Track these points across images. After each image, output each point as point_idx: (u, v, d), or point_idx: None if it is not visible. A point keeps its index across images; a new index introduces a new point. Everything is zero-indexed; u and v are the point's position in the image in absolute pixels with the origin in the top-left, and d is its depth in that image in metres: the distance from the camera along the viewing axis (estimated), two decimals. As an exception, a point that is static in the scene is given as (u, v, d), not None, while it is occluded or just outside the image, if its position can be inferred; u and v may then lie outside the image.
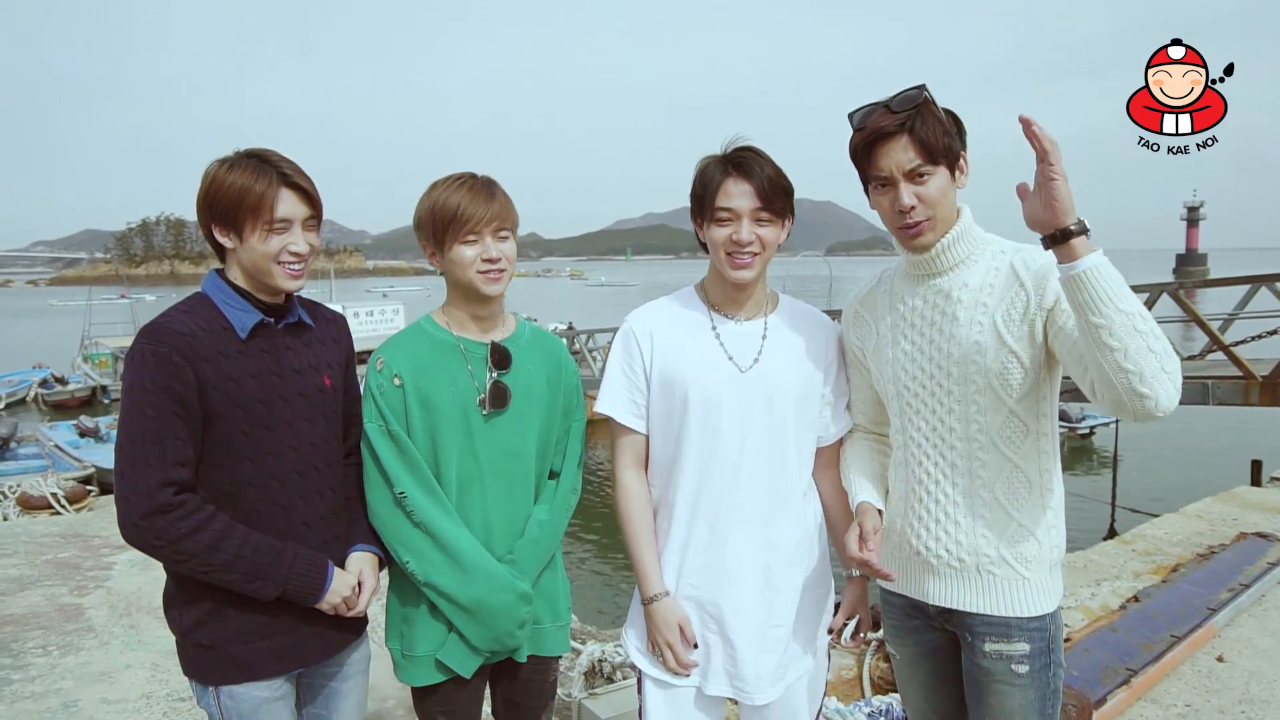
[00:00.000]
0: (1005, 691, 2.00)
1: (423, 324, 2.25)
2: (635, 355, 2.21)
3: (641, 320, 2.25)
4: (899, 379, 2.08)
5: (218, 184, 1.96)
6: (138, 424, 1.87)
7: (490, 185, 2.16)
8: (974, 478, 2.00)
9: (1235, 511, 6.97)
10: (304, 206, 2.02)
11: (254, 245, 1.97)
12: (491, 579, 2.12)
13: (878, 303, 2.17)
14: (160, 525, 1.86)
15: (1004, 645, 1.99)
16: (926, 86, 1.91)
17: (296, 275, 2.04)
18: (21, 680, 4.56)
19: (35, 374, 29.12)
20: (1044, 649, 2.00)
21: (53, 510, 10.67)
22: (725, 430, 2.14)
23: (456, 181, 2.14)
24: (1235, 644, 4.56)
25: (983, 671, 2.03)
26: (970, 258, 1.99)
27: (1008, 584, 1.99)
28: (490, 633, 2.15)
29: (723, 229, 2.09)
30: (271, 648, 2.03)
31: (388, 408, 2.13)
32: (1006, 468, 1.98)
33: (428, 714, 2.27)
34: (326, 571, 2.04)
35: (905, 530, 2.11)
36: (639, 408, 2.23)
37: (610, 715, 4.09)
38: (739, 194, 2.07)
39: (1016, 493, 1.99)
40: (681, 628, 2.16)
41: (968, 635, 2.05)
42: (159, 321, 1.96)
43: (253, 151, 2.01)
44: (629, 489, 2.24)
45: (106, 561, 6.85)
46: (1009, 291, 1.93)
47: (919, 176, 1.91)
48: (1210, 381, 10.50)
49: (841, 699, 3.65)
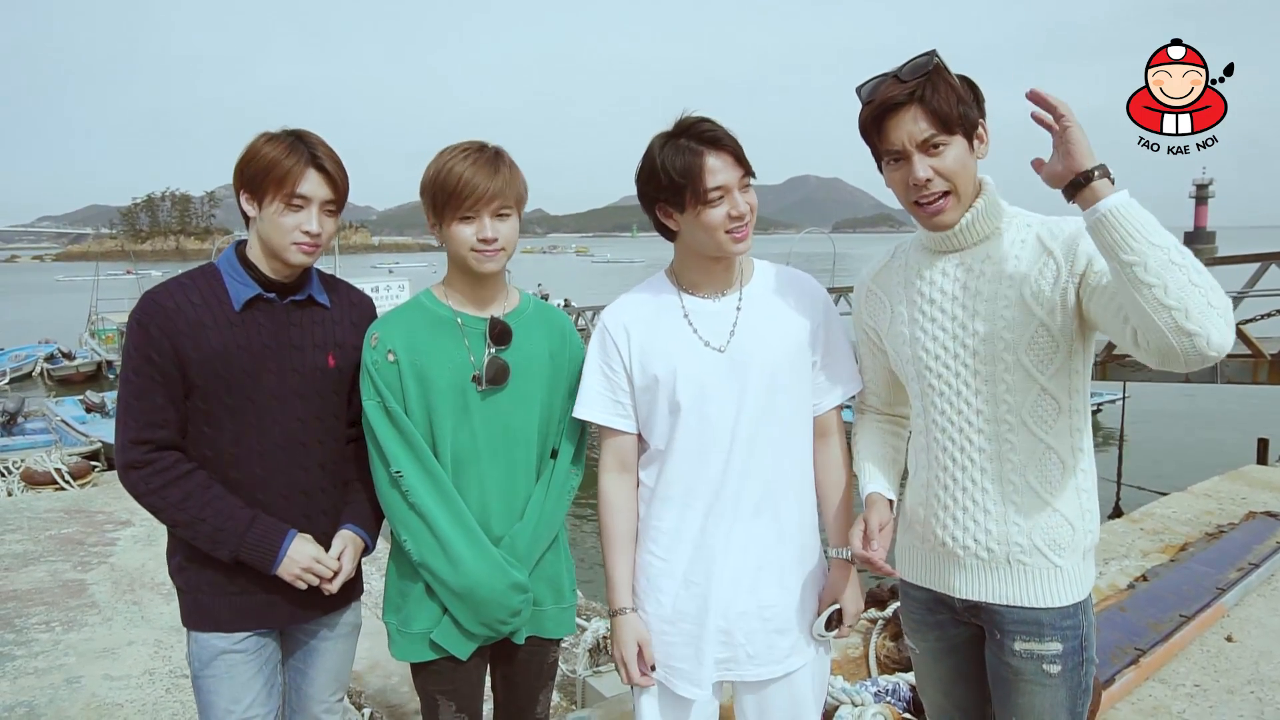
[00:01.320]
0: (1035, 691, 1.91)
1: (421, 299, 2.20)
2: (613, 354, 2.14)
3: (615, 317, 2.17)
4: (920, 359, 1.97)
5: (253, 152, 2.04)
6: (123, 387, 2.05)
7: (497, 159, 2.08)
8: (1004, 461, 1.89)
9: (1244, 490, 6.93)
10: (326, 189, 2.07)
11: (270, 216, 2.05)
12: (482, 568, 2.09)
13: (893, 279, 2.06)
14: (132, 479, 2.03)
15: (1035, 644, 1.90)
16: (937, 52, 1.79)
17: (307, 252, 2.09)
18: (25, 656, 4.57)
19: (41, 349, 29.18)
20: (1077, 647, 1.91)
21: (57, 486, 10.69)
22: (712, 415, 2.06)
23: (463, 151, 2.07)
24: (1244, 624, 4.53)
25: (1011, 670, 1.93)
26: (995, 232, 1.89)
27: (1040, 573, 1.89)
28: (482, 619, 2.12)
29: (718, 209, 1.98)
30: (241, 604, 2.12)
31: (384, 384, 2.09)
32: (1039, 449, 1.88)
33: (425, 691, 2.25)
34: (282, 542, 2.07)
35: (929, 520, 2.01)
36: (623, 406, 2.15)
37: (614, 693, 4.09)
38: (723, 168, 1.96)
39: (1049, 476, 1.89)
40: (640, 647, 2.12)
41: (997, 632, 1.95)
42: (149, 293, 2.08)
43: (295, 131, 2.09)
44: (607, 497, 2.18)
45: (110, 537, 6.86)
46: (1037, 262, 1.83)
47: (933, 148, 1.79)
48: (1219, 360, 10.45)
49: (847, 678, 3.62)
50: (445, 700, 2.21)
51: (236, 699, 2.13)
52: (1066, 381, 1.87)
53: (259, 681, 2.16)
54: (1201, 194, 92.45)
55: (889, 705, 3.41)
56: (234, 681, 2.12)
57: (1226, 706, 3.74)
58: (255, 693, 2.15)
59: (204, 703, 2.15)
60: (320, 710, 2.34)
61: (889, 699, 3.45)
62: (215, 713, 2.13)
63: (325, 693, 2.33)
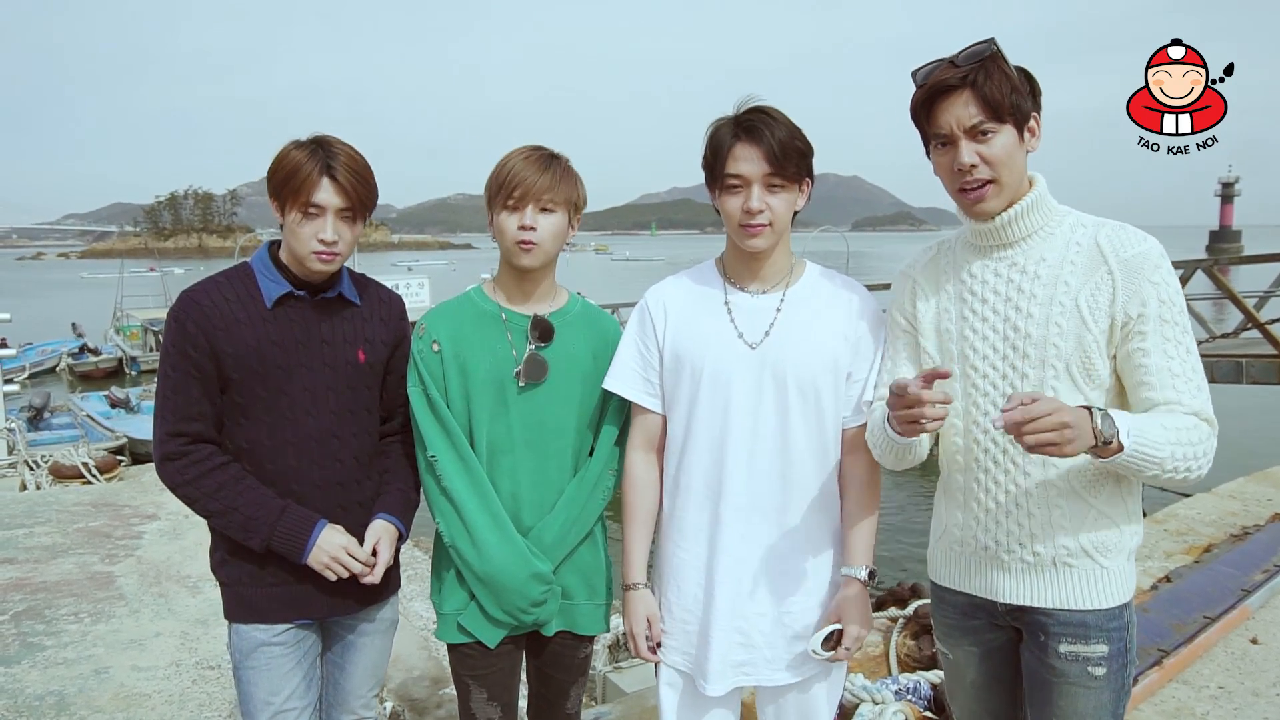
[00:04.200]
0: (1078, 694, 1.88)
1: (471, 294, 2.28)
2: (649, 331, 2.16)
3: (657, 295, 2.20)
4: (966, 356, 1.93)
5: (280, 160, 2.08)
6: (161, 382, 2.11)
7: (551, 160, 2.15)
8: (1048, 465, 1.85)
9: (1270, 492, 6.85)
10: (339, 198, 2.08)
11: (291, 225, 2.10)
12: (505, 555, 2.14)
13: (938, 274, 2.02)
14: (168, 470, 2.09)
15: (1081, 647, 1.87)
16: (995, 41, 1.78)
17: (326, 260, 2.11)
18: (54, 646, 4.64)
19: (70, 344, 29.43)
20: (1122, 649, 1.89)
21: (84, 480, 10.81)
22: (734, 410, 2.06)
23: (524, 151, 2.16)
24: (1270, 626, 4.49)
25: (1054, 672, 1.90)
26: (1044, 229, 1.86)
27: (1086, 575, 1.87)
28: (504, 605, 2.16)
29: (734, 197, 2.00)
30: (281, 594, 2.16)
31: (427, 372, 2.19)
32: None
33: (457, 674, 2.31)
34: (312, 532, 2.10)
35: (970, 524, 1.97)
36: (652, 385, 2.17)
37: (634, 689, 4.10)
38: (748, 159, 1.96)
39: (1095, 479, 1.86)
40: (650, 622, 2.17)
41: (1040, 635, 1.92)
42: (187, 291, 2.14)
43: (320, 138, 2.12)
44: (631, 473, 2.22)
45: (136, 531, 6.94)
46: (1094, 273, 1.80)
47: (982, 134, 1.78)
48: (1244, 360, 10.35)
49: (868, 675, 3.63)
50: (476, 686, 2.26)
51: (275, 690, 2.17)
52: (1108, 388, 1.85)
53: (298, 674, 2.20)
54: (1228, 193, 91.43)
55: (909, 703, 3.41)
56: (273, 673, 2.16)
57: (1251, 709, 3.72)
58: (294, 685, 2.19)
59: (244, 693, 2.19)
60: (358, 705, 2.37)
61: (910, 697, 3.45)
62: (254, 704, 2.17)
63: (363, 688, 2.37)
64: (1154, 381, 1.77)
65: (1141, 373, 1.79)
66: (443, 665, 4.28)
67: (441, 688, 4.18)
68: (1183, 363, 1.77)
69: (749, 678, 2.13)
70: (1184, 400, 1.75)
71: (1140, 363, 1.78)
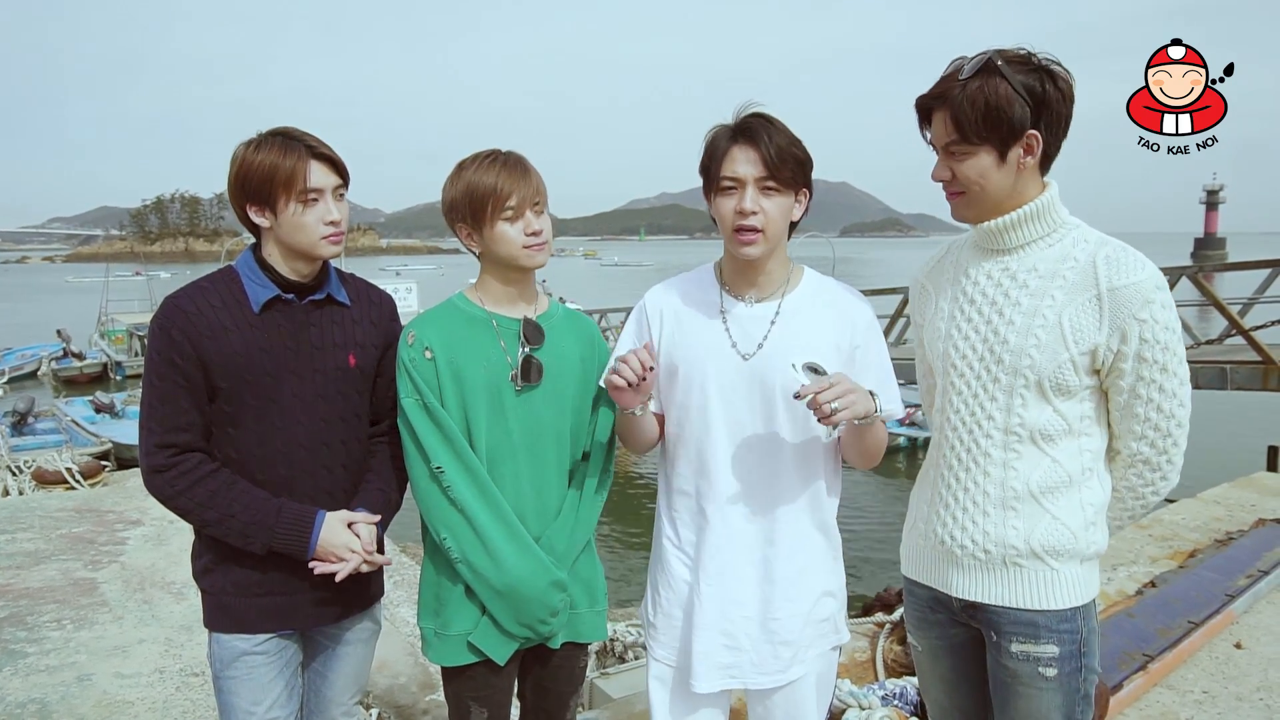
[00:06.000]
0: (1031, 695, 1.91)
1: (455, 300, 2.22)
2: (646, 334, 2.16)
3: (656, 298, 2.20)
4: (948, 356, 1.96)
5: (247, 165, 2.02)
6: (147, 391, 2.04)
7: (522, 161, 2.12)
8: (1009, 469, 1.89)
9: (1253, 497, 6.90)
10: (333, 176, 2.08)
11: (290, 218, 2.04)
12: (525, 565, 2.09)
13: (943, 275, 2.06)
14: (158, 483, 2.03)
15: (1031, 646, 1.90)
16: (994, 57, 1.75)
17: (336, 241, 2.10)
18: (36, 654, 4.60)
19: (51, 348, 29.17)
20: (1074, 652, 1.90)
21: (68, 485, 10.73)
22: (724, 420, 2.06)
23: (487, 159, 2.10)
24: (1254, 631, 4.52)
25: (1009, 673, 1.94)
26: (1045, 239, 1.87)
27: (1035, 576, 1.89)
28: (522, 618, 2.11)
29: (728, 200, 1.98)
30: (265, 605, 2.12)
31: (421, 380, 2.11)
32: (1044, 462, 1.88)
33: (457, 697, 2.23)
34: (314, 523, 2.06)
35: (931, 519, 2.03)
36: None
37: (621, 695, 4.08)
38: (744, 161, 1.95)
39: (1054, 488, 1.88)
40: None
41: (994, 634, 1.96)
42: (171, 297, 2.07)
43: (276, 130, 2.06)
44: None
45: (120, 536, 6.89)
46: (1082, 294, 1.81)
47: (953, 153, 1.82)
48: (1228, 366, 10.40)
49: (855, 681, 3.63)
50: (478, 707, 2.21)
51: (256, 700, 2.14)
52: (1079, 409, 1.88)
53: (279, 684, 2.17)
54: (1212, 200, 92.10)
55: (896, 709, 3.41)
56: (254, 683, 2.13)
57: (1235, 714, 3.74)
58: (275, 695, 2.16)
59: (224, 704, 2.16)
60: (338, 713, 2.34)
61: (896, 702, 3.45)
62: (235, 714, 2.14)
63: (344, 696, 2.34)
64: (1116, 416, 1.89)
65: (1112, 405, 1.89)
66: (429, 670, 4.26)
67: (428, 694, 4.16)
68: (1146, 404, 1.84)
69: (735, 680, 2.13)
70: (1129, 444, 1.90)
71: (1113, 398, 1.87)
